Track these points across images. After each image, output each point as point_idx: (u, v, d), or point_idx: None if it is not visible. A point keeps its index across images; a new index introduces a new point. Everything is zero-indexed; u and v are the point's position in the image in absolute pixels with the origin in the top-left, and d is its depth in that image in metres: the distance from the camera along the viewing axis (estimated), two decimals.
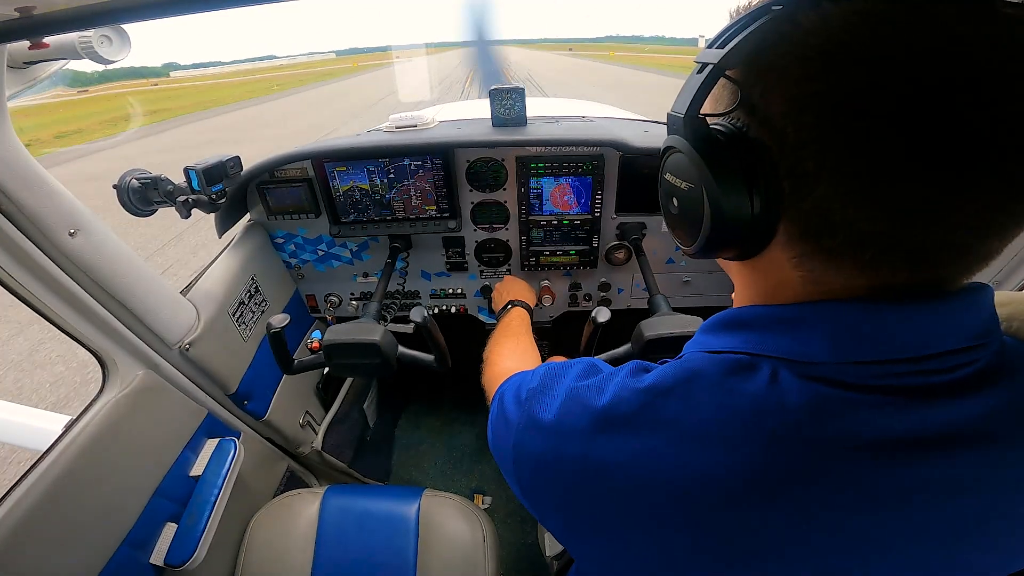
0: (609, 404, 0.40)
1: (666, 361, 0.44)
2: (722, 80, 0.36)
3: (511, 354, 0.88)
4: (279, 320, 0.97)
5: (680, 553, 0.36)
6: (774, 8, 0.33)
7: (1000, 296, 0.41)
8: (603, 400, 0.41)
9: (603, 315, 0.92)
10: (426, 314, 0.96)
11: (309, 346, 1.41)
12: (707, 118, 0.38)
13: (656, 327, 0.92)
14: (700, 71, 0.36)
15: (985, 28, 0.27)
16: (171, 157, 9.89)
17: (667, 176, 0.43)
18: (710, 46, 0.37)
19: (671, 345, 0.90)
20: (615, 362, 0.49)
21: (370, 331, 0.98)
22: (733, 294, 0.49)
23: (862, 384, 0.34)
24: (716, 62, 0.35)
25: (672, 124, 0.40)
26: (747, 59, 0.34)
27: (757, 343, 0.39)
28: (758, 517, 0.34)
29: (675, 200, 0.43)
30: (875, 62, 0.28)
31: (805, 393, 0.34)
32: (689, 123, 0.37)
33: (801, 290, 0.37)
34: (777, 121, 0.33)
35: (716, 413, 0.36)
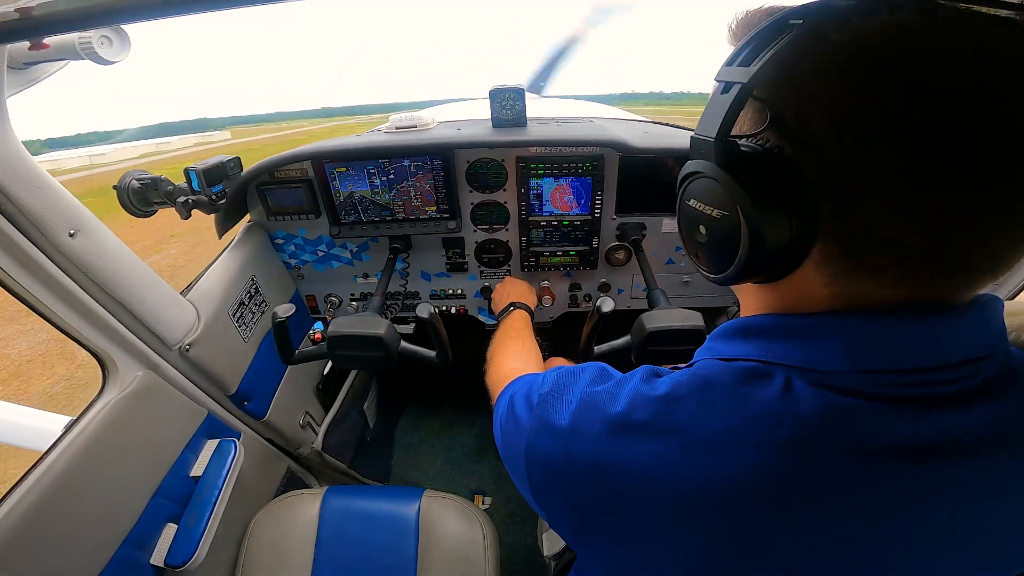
0: (624, 411, 0.40)
1: (678, 367, 0.44)
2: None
3: (517, 355, 0.88)
4: (284, 309, 0.97)
5: (688, 557, 0.36)
6: (793, 22, 0.32)
7: (1010, 306, 0.41)
8: (618, 407, 0.41)
9: (607, 305, 0.94)
10: (432, 310, 0.98)
11: (312, 337, 1.42)
12: (737, 140, 0.36)
13: (657, 320, 0.92)
14: (725, 91, 0.34)
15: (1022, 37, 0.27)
16: None
17: (692, 203, 0.40)
18: (729, 64, 0.35)
19: (672, 338, 0.91)
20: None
21: (375, 324, 0.99)
22: (740, 306, 0.49)
23: (874, 393, 0.34)
24: (745, 81, 0.33)
25: (698, 148, 0.38)
26: (776, 77, 0.33)
27: (771, 351, 0.39)
28: (768, 523, 0.34)
29: (702, 228, 0.40)
30: (919, 76, 0.28)
31: (818, 401, 0.34)
32: (721, 146, 0.35)
33: (825, 304, 0.37)
34: (815, 140, 0.31)
35: (729, 420, 0.36)
